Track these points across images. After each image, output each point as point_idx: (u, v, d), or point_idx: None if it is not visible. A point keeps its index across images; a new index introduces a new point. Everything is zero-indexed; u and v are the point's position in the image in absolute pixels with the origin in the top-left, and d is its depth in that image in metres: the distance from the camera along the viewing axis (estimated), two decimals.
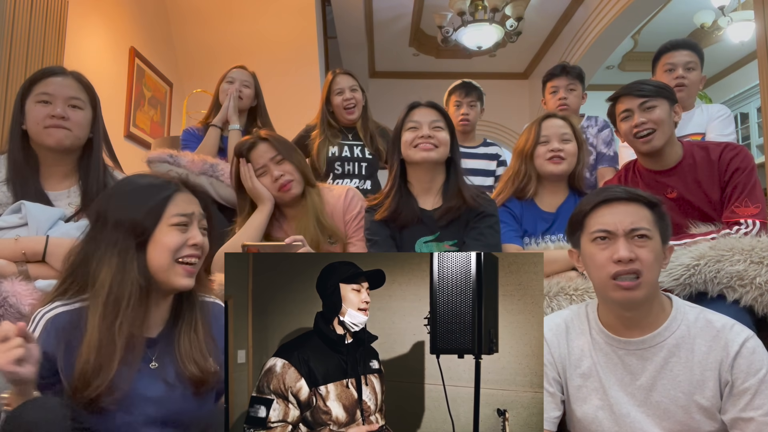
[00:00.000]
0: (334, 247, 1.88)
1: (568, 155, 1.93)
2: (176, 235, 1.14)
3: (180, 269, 1.14)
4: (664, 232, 1.24)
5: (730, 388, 1.16)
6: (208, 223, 1.22)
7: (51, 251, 1.46)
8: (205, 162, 2.25)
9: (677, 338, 1.21)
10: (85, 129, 1.65)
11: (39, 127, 1.59)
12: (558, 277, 1.71)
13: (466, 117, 2.88)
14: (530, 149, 1.96)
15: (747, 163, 1.74)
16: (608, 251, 1.21)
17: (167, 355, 1.15)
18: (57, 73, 1.65)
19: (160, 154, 2.26)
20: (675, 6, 5.69)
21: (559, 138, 1.94)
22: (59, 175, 1.66)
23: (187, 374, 1.13)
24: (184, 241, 1.14)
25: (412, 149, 1.80)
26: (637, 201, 1.24)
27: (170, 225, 1.14)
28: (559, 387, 1.30)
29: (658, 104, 1.76)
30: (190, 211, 1.17)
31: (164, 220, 1.14)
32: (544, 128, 1.97)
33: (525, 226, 1.94)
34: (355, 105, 2.63)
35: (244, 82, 2.55)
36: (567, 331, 1.32)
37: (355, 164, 2.61)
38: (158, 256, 1.13)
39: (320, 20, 5.00)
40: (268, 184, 1.88)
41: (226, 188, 2.18)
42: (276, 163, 1.88)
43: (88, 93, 1.67)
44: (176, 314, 1.20)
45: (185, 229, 1.15)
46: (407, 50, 7.04)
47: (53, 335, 1.06)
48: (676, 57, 2.42)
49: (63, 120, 1.59)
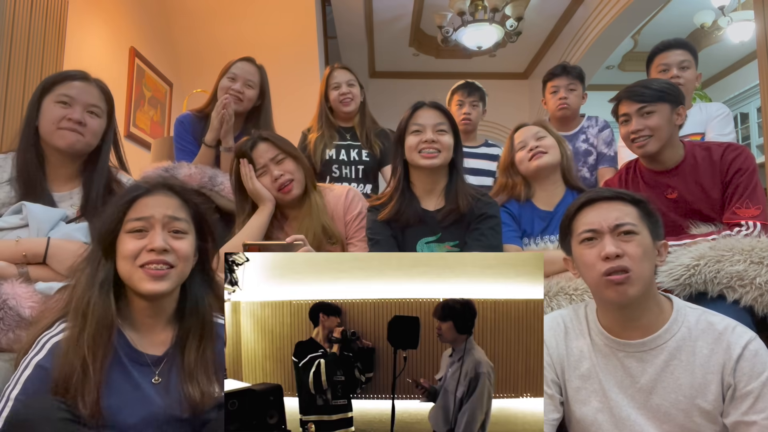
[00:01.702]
0: (333, 247, 1.88)
1: (548, 148, 1.96)
2: (132, 241, 1.10)
3: (142, 273, 1.09)
4: (653, 229, 1.24)
5: (732, 391, 1.15)
6: (201, 224, 1.19)
7: (52, 253, 1.46)
8: (204, 174, 2.12)
9: (678, 340, 1.20)
10: (97, 136, 1.66)
11: (53, 127, 1.59)
12: (558, 277, 1.71)
13: (468, 117, 2.89)
14: (509, 160, 2.04)
15: (749, 164, 1.74)
16: (596, 249, 1.21)
17: (171, 373, 1.13)
18: (80, 78, 1.66)
19: (155, 169, 2.14)
20: (675, 6, 5.69)
21: (534, 137, 1.99)
22: (64, 176, 1.67)
23: (189, 396, 1.11)
24: (141, 247, 1.10)
25: (416, 154, 1.81)
26: (620, 199, 1.25)
27: (127, 232, 1.11)
28: (558, 389, 1.29)
29: (657, 109, 1.75)
30: (147, 214, 1.12)
31: (124, 227, 1.12)
32: (516, 138, 2.05)
33: (523, 226, 1.94)
34: (351, 99, 2.60)
35: (247, 81, 2.31)
36: (566, 332, 1.32)
37: (352, 167, 2.60)
38: (121, 264, 1.11)
39: (320, 20, 5.00)
40: (268, 184, 1.87)
41: (225, 200, 2.15)
42: (276, 162, 1.87)
43: (108, 102, 1.69)
44: (184, 333, 1.16)
45: (144, 234, 1.11)
46: (407, 50, 7.03)
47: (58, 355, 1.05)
48: (669, 57, 2.42)
49: (79, 125, 1.60)
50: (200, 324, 1.17)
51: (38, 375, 1.02)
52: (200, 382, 1.12)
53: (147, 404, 1.09)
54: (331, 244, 1.87)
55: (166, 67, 4.71)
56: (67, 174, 1.67)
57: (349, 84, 2.62)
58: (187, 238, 1.15)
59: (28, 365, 1.03)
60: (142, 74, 4.30)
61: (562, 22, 6.17)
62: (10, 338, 1.34)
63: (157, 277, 1.09)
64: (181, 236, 1.14)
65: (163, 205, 1.14)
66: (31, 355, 1.05)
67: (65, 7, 2.93)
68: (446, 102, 3.01)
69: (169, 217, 1.13)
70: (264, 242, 1.74)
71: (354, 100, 2.62)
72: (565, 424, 1.31)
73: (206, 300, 1.20)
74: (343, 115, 2.65)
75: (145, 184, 1.17)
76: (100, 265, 1.11)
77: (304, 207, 1.90)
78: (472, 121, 2.91)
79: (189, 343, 1.15)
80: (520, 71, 7.62)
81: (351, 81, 2.63)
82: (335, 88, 2.62)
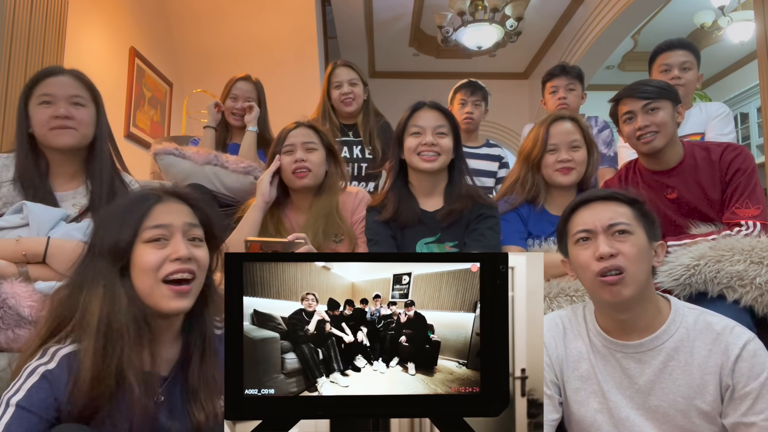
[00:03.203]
0: (339, 246, 1.87)
1: (577, 164, 1.85)
2: (153, 252, 1.02)
3: (166, 290, 1.02)
4: (649, 229, 1.23)
5: (731, 392, 1.15)
6: (209, 231, 1.12)
7: (52, 252, 1.45)
8: (210, 152, 2.28)
9: (676, 341, 1.20)
10: (90, 126, 1.65)
11: (44, 129, 1.59)
12: (558, 278, 1.70)
13: (470, 116, 2.88)
14: (537, 157, 1.87)
15: (748, 164, 1.74)
16: (590, 250, 1.21)
17: (175, 392, 1.09)
18: (56, 73, 1.64)
19: (165, 146, 2.29)
20: (675, 6, 5.69)
21: (568, 146, 1.85)
22: (66, 175, 1.67)
23: (192, 415, 1.06)
24: (164, 257, 1.02)
25: (415, 157, 1.80)
26: (615, 199, 1.24)
27: (145, 242, 1.03)
28: (557, 389, 1.29)
29: (662, 106, 1.75)
30: (167, 221, 1.04)
31: (140, 237, 1.03)
32: (552, 135, 1.87)
33: (530, 228, 1.92)
34: (353, 99, 2.59)
35: (247, 99, 2.52)
36: (564, 333, 1.32)
37: (354, 165, 2.60)
38: (140, 279, 1.02)
39: (320, 20, 5.00)
40: (288, 163, 1.86)
41: (231, 176, 2.20)
42: (306, 149, 1.87)
43: (90, 90, 1.67)
44: (187, 351, 1.10)
45: (164, 244, 1.04)
46: (407, 50, 7.03)
47: (66, 372, 0.99)
48: (671, 58, 2.40)
49: (67, 119, 1.59)
50: (202, 340, 1.11)
51: (43, 386, 0.97)
52: (203, 400, 1.07)
53: (151, 422, 1.05)
54: (336, 243, 1.86)
55: (166, 67, 4.72)
56: (70, 172, 1.67)
57: (351, 83, 2.59)
58: (204, 247, 1.10)
59: (33, 373, 0.98)
60: (142, 74, 4.30)
61: (562, 22, 6.18)
62: (9, 337, 1.34)
63: (181, 293, 1.03)
64: (199, 244, 1.08)
65: (179, 212, 1.08)
66: (37, 363, 1.00)
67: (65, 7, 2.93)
68: (448, 101, 3.02)
69: (188, 224, 1.07)
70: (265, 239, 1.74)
71: (356, 100, 2.60)
72: (564, 425, 1.32)
73: (211, 313, 1.14)
74: (345, 114, 2.64)
75: (152, 191, 1.10)
76: (118, 282, 1.02)
77: (314, 204, 1.89)
78: (475, 120, 2.91)
79: (193, 361, 1.09)
80: (520, 71, 7.62)
81: (353, 80, 2.60)
82: (337, 87, 2.60)
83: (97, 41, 3.77)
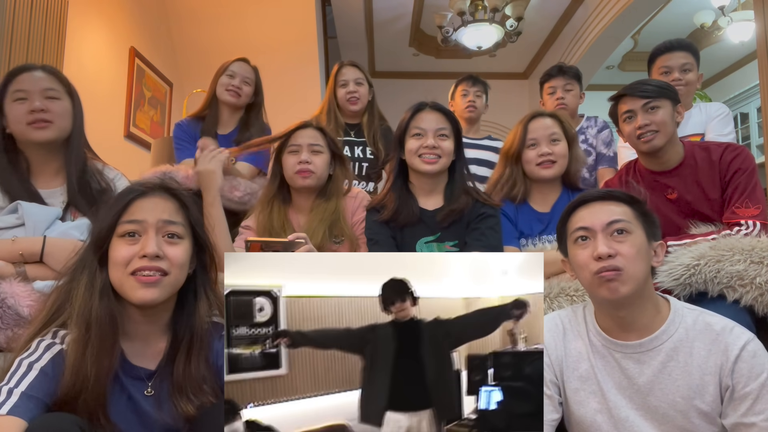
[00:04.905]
0: (339, 246, 1.86)
1: (558, 157, 1.89)
2: (125, 246, 1.05)
3: (134, 281, 1.04)
4: (648, 228, 1.23)
5: (730, 392, 1.15)
6: (199, 229, 1.14)
7: (48, 251, 1.46)
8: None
9: (675, 341, 1.20)
10: (66, 119, 1.64)
11: (21, 125, 1.59)
12: (559, 278, 1.70)
13: (473, 104, 2.96)
14: (516, 151, 1.93)
15: (748, 164, 1.73)
16: (588, 249, 1.21)
17: (163, 386, 1.10)
18: (28, 69, 1.64)
19: (153, 173, 2.17)
20: (675, 6, 5.69)
21: (548, 140, 1.89)
22: (49, 172, 1.66)
23: (180, 409, 1.08)
24: (134, 253, 1.05)
25: (417, 159, 1.80)
26: (614, 198, 1.24)
27: (120, 236, 1.06)
28: (557, 389, 1.29)
29: (662, 105, 1.75)
30: (141, 217, 1.07)
31: (116, 231, 1.07)
32: (530, 130, 1.92)
33: (520, 227, 1.93)
34: (358, 98, 2.60)
35: (245, 78, 2.45)
36: (564, 333, 1.31)
37: (356, 165, 2.60)
38: (113, 271, 1.06)
39: (320, 20, 5.00)
40: (292, 163, 1.86)
41: (225, 201, 2.15)
42: (311, 151, 1.86)
43: (63, 84, 1.66)
44: (175, 345, 1.12)
45: (136, 240, 1.06)
46: (407, 50, 7.03)
47: (61, 363, 1.02)
48: (671, 59, 2.39)
49: (43, 113, 1.58)
50: (190, 335, 1.12)
51: (40, 380, 0.99)
52: (190, 395, 1.08)
53: (141, 415, 1.08)
54: (336, 244, 1.86)
55: (166, 67, 4.72)
56: (53, 169, 1.66)
57: (357, 82, 2.62)
58: (182, 244, 1.11)
59: (30, 368, 1.00)
60: (142, 74, 4.30)
61: (562, 22, 6.17)
62: (9, 337, 1.34)
63: (148, 283, 1.04)
64: (175, 242, 1.10)
65: (157, 208, 1.09)
66: (27, 358, 1.02)
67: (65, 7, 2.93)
68: (450, 94, 3.06)
69: (163, 221, 1.09)
70: (266, 239, 1.73)
71: (361, 99, 2.62)
72: (564, 425, 1.31)
73: (200, 310, 1.15)
74: (349, 113, 2.65)
75: (140, 186, 1.12)
76: (97, 272, 1.07)
77: (314, 205, 1.88)
78: (477, 108, 2.98)
79: (179, 356, 1.11)
80: (520, 71, 7.62)
81: (359, 79, 2.63)
82: (343, 85, 2.62)
83: (97, 41, 3.77)
